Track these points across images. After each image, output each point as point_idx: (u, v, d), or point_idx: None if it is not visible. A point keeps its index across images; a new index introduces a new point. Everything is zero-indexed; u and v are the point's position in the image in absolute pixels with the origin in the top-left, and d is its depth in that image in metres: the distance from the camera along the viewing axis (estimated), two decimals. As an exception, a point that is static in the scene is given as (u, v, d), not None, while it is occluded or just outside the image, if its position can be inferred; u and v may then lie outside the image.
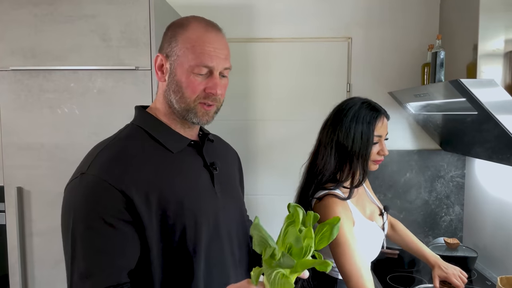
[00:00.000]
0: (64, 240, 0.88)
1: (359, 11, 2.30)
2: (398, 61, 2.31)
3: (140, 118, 1.01)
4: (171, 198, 0.91)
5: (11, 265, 1.83)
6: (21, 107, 1.79)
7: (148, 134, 0.97)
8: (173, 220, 0.90)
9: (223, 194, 1.03)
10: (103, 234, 0.84)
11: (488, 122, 1.47)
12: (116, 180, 0.86)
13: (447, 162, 2.32)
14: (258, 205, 2.37)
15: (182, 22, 0.97)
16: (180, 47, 0.94)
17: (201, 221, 0.94)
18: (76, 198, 0.87)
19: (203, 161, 1.01)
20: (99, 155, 0.91)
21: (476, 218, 2.21)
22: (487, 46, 1.63)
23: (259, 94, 2.34)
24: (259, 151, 2.35)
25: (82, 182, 0.87)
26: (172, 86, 0.96)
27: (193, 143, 1.02)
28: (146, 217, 0.87)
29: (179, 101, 0.96)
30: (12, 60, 1.78)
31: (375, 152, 1.35)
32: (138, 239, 0.88)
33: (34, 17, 1.77)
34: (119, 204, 0.85)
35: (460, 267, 1.92)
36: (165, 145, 0.96)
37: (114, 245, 0.85)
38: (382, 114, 1.36)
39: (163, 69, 0.97)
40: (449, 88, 1.46)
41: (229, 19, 2.29)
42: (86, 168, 0.88)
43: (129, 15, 1.75)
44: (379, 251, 1.44)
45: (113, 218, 0.84)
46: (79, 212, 0.86)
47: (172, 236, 0.91)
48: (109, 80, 1.77)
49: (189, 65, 0.93)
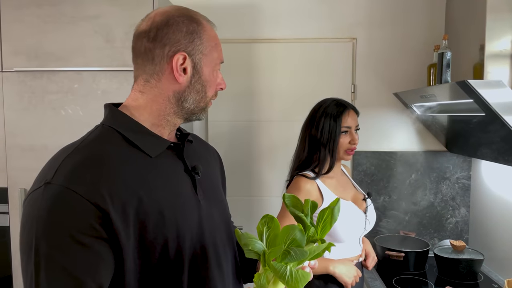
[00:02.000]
0: (25, 260, 0.74)
1: (363, 11, 2.29)
2: (403, 62, 2.29)
3: (112, 118, 0.87)
4: (150, 209, 0.80)
5: (15, 268, 1.83)
6: (25, 108, 1.79)
7: (122, 136, 0.84)
8: (153, 234, 0.80)
9: (207, 200, 0.93)
10: (72, 254, 0.71)
11: (495, 123, 1.46)
12: (88, 191, 0.73)
13: (452, 164, 2.30)
14: (262, 206, 2.36)
15: (193, 17, 0.89)
16: (206, 45, 0.88)
17: (184, 232, 0.84)
18: (40, 211, 0.73)
19: (183, 165, 0.91)
20: (66, 161, 0.77)
21: (482, 220, 2.19)
22: (494, 47, 1.62)
23: (263, 95, 2.33)
24: (263, 152, 2.34)
25: (46, 192, 0.73)
26: (197, 86, 0.88)
27: (173, 145, 0.90)
28: (123, 233, 0.75)
29: (199, 100, 0.90)
30: (16, 61, 1.78)
31: (346, 142, 1.57)
32: (113, 258, 0.76)
33: (38, 18, 1.76)
34: (92, 219, 0.72)
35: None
36: (142, 149, 0.84)
37: (85, 267, 0.72)
38: (348, 109, 1.58)
39: (183, 68, 0.86)
40: (456, 89, 1.45)
41: (233, 19, 2.28)
42: (51, 176, 0.74)
43: (133, 16, 1.75)
44: (360, 230, 1.58)
45: (85, 236, 0.72)
46: (43, 228, 0.72)
47: (152, 251, 0.80)
48: (113, 81, 1.77)
49: (216, 63, 0.91)
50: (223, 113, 2.31)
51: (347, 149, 1.58)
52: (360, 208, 1.60)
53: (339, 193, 1.58)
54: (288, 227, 0.75)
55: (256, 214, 2.35)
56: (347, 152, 1.59)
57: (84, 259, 0.72)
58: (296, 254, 0.72)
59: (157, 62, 0.86)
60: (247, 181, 2.36)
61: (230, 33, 2.27)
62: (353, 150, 1.59)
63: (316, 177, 1.56)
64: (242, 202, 2.34)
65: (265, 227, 0.78)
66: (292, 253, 0.72)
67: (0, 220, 1.83)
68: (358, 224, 1.57)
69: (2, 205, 1.82)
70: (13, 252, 1.83)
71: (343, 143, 1.58)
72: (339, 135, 1.55)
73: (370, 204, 1.64)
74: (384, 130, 2.32)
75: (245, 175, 2.36)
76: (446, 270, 1.96)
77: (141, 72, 0.88)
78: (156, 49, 0.85)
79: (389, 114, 2.31)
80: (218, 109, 2.27)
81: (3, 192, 1.81)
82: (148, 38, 0.86)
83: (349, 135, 1.57)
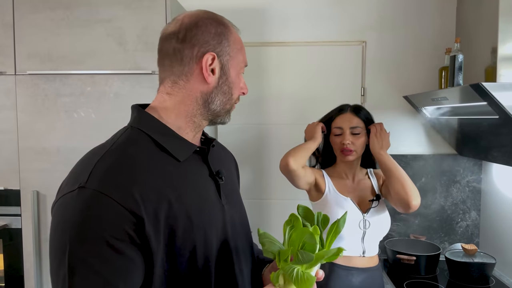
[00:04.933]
0: (56, 264, 0.74)
1: (373, 14, 2.29)
2: (413, 65, 2.29)
3: (141, 120, 0.87)
4: (179, 214, 0.80)
5: (26, 270, 1.84)
6: (38, 111, 1.80)
7: (151, 139, 0.84)
8: (182, 239, 0.79)
9: (229, 205, 0.94)
10: (106, 259, 0.71)
11: (508, 125, 1.45)
12: (122, 196, 0.73)
13: (463, 167, 2.29)
14: (271, 209, 2.36)
15: (220, 20, 0.91)
16: (232, 47, 0.90)
17: (211, 238, 0.85)
18: (75, 216, 0.72)
19: (208, 170, 0.92)
20: (99, 164, 0.77)
21: (493, 223, 2.17)
22: (506, 50, 1.61)
23: (273, 98, 2.33)
24: (273, 155, 2.34)
25: (81, 197, 0.73)
26: (224, 88, 0.89)
27: (198, 149, 0.91)
28: (154, 238, 0.75)
29: (225, 102, 0.91)
30: (29, 65, 1.79)
31: (339, 142, 1.64)
32: (143, 263, 0.76)
33: (51, 21, 1.78)
34: (126, 224, 0.73)
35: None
36: (171, 152, 0.84)
37: (118, 272, 0.72)
38: (344, 111, 1.67)
39: (211, 68, 0.87)
40: (470, 91, 1.44)
41: (242, 23, 2.25)
42: (85, 180, 0.74)
43: (145, 19, 1.76)
44: (352, 227, 1.60)
45: (118, 241, 0.72)
46: (77, 233, 0.72)
47: (180, 256, 0.80)
48: (126, 84, 1.78)
49: (241, 66, 0.92)
50: (233, 116, 2.27)
51: (341, 149, 1.63)
52: (361, 209, 1.63)
53: (342, 191, 1.66)
54: (301, 230, 0.79)
55: (267, 217, 2.35)
56: (342, 153, 1.64)
57: (117, 264, 0.72)
58: (303, 257, 0.76)
59: (186, 63, 0.86)
60: (257, 184, 2.36)
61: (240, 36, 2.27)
62: (346, 150, 1.62)
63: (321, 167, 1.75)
64: (252, 205, 2.34)
65: (288, 226, 0.81)
66: (299, 256, 0.76)
67: (13, 222, 1.84)
68: (352, 222, 1.59)
69: (14, 207, 1.83)
70: (24, 254, 1.83)
71: (336, 143, 1.66)
72: (330, 134, 1.68)
73: (375, 206, 1.63)
74: (394, 133, 2.30)
75: (255, 178, 2.36)
76: (457, 274, 1.95)
77: (169, 73, 0.88)
78: (185, 49, 0.85)
79: (399, 117, 2.30)
80: (228, 112, 2.27)
81: (16, 195, 1.82)
82: (177, 39, 0.86)
83: (342, 135, 1.63)
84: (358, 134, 1.63)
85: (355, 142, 1.62)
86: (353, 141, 1.62)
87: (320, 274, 0.83)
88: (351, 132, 1.63)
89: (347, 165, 1.68)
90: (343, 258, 1.58)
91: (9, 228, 1.84)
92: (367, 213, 1.62)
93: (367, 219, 1.60)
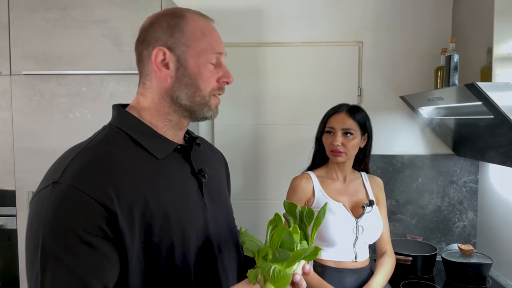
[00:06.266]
0: (30, 259, 0.74)
1: (369, 15, 2.29)
2: (409, 65, 2.29)
3: (120, 118, 0.88)
4: (156, 211, 0.80)
5: (22, 271, 1.83)
6: (33, 112, 1.80)
7: (130, 137, 0.84)
8: (159, 237, 0.79)
9: (213, 203, 0.93)
10: (78, 254, 0.71)
11: (503, 126, 1.45)
12: (95, 191, 0.73)
13: (460, 167, 2.29)
14: (267, 210, 2.36)
15: (176, 12, 0.88)
16: (189, 37, 0.85)
17: (190, 235, 0.84)
18: (47, 211, 0.72)
19: (190, 168, 0.91)
20: (74, 161, 0.77)
21: (490, 224, 2.17)
22: (502, 50, 1.61)
23: (269, 99, 2.33)
24: (269, 155, 2.34)
25: (54, 192, 0.73)
26: (184, 80, 0.86)
27: (180, 147, 0.90)
28: (128, 234, 0.75)
29: (193, 95, 0.86)
30: (25, 65, 1.79)
31: (328, 143, 1.60)
32: (118, 259, 0.76)
33: (47, 22, 1.78)
34: (99, 219, 0.73)
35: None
36: (150, 150, 0.84)
37: (91, 268, 0.72)
38: (339, 111, 1.62)
39: (165, 63, 0.86)
40: (465, 91, 1.44)
41: (239, 23, 2.29)
42: (59, 175, 0.74)
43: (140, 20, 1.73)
44: (345, 233, 1.56)
45: (91, 236, 0.72)
46: (49, 228, 0.72)
47: (157, 254, 0.80)
48: (121, 84, 1.78)
49: (203, 54, 0.87)
50: (229, 116, 2.31)
51: (331, 150, 1.59)
52: (354, 214, 1.59)
53: (333, 195, 1.61)
54: (280, 228, 0.79)
55: (262, 218, 2.34)
56: (332, 153, 1.59)
57: (90, 260, 0.72)
58: (280, 255, 0.77)
59: (145, 63, 0.88)
60: (253, 185, 2.36)
61: (236, 37, 2.27)
62: (336, 151, 1.57)
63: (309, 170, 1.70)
64: (248, 205, 2.34)
65: (271, 226, 0.82)
66: (276, 254, 0.77)
67: (8, 223, 1.84)
68: (345, 228, 1.55)
69: (9, 208, 1.83)
70: (20, 254, 1.83)
71: (326, 143, 1.62)
72: (322, 134, 1.65)
73: (368, 212, 1.59)
74: (390, 134, 2.31)
75: (251, 178, 2.36)
76: (454, 274, 1.95)
77: (140, 76, 0.91)
78: (143, 50, 0.88)
79: (395, 118, 2.30)
80: (225, 113, 2.27)
81: (11, 195, 1.82)
82: (138, 41, 0.90)
83: (333, 136, 1.59)
84: (350, 136, 1.57)
85: (346, 144, 1.56)
86: (344, 142, 1.56)
87: (307, 269, 0.82)
88: (343, 133, 1.57)
89: (339, 166, 1.64)
90: (335, 262, 1.57)
91: (4, 229, 1.84)
92: (360, 218, 1.58)
93: (360, 225, 1.57)
